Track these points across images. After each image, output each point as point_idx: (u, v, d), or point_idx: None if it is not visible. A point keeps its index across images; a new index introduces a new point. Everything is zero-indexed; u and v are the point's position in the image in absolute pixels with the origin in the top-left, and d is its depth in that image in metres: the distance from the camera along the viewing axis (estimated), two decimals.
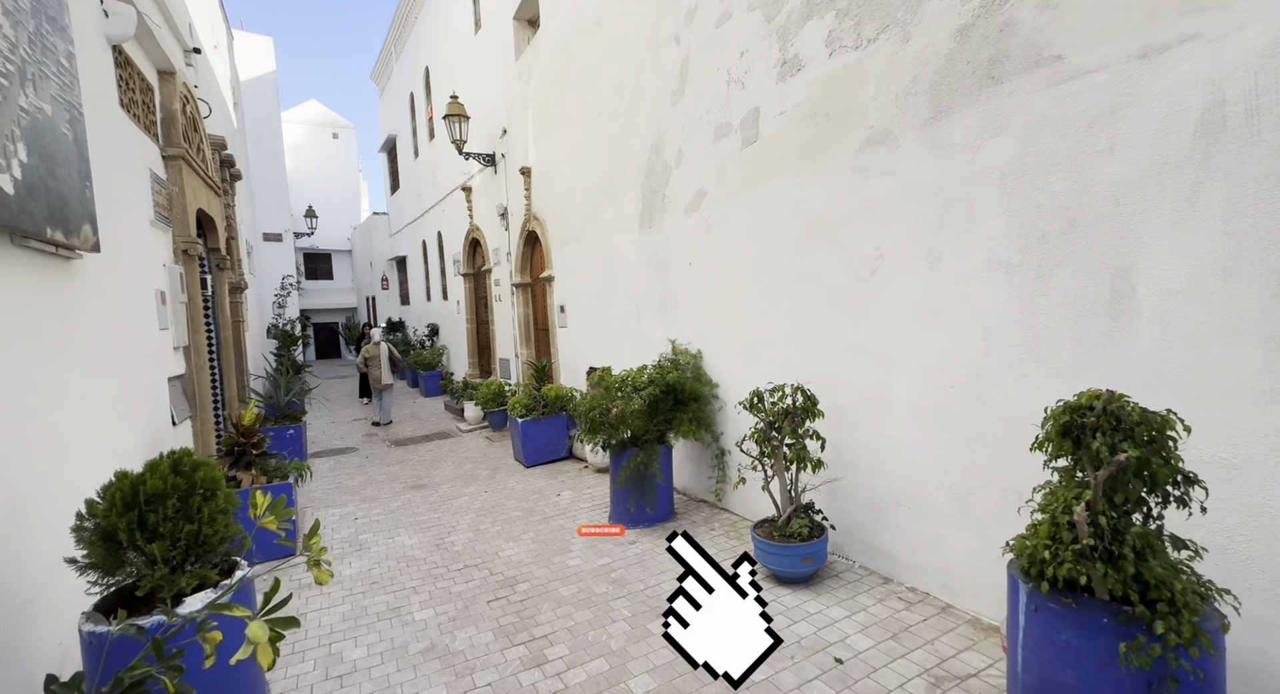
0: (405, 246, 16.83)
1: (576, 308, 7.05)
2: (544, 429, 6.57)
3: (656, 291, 5.25)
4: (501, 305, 9.98)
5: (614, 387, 4.52)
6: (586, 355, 6.88)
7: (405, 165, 15.83)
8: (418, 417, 10.74)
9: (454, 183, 11.73)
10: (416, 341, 14.88)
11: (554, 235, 7.53)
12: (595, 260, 6.41)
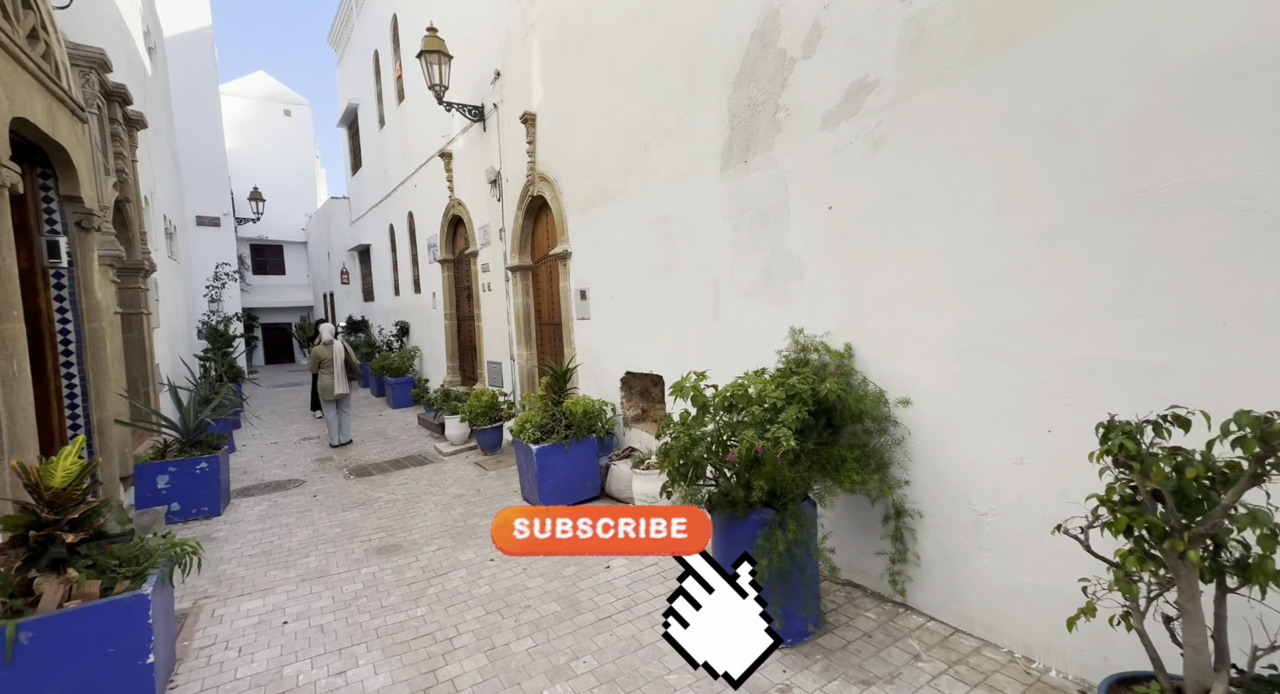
0: (369, 234, 14.64)
1: (606, 291, 5.22)
2: (568, 460, 4.71)
3: (756, 257, 3.48)
4: (491, 296, 8.06)
5: (718, 405, 2.73)
6: (623, 355, 5.06)
7: (369, 138, 13.68)
8: (385, 434, 8.70)
9: (430, 150, 9.73)
10: (383, 343, 12.74)
11: (571, 197, 5.69)
12: (639, 223, 4.61)
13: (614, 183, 4.92)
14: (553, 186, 6.01)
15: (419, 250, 10.95)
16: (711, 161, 3.77)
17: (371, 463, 7.02)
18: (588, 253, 5.46)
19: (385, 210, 12.89)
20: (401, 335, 12.14)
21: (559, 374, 4.97)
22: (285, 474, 6.63)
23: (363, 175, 14.71)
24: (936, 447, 2.52)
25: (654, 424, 5.01)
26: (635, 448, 4.99)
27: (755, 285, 3.50)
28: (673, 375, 4.40)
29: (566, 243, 5.80)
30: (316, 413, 10.19)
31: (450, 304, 9.74)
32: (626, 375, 5.08)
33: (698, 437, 2.69)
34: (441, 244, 9.66)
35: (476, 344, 8.70)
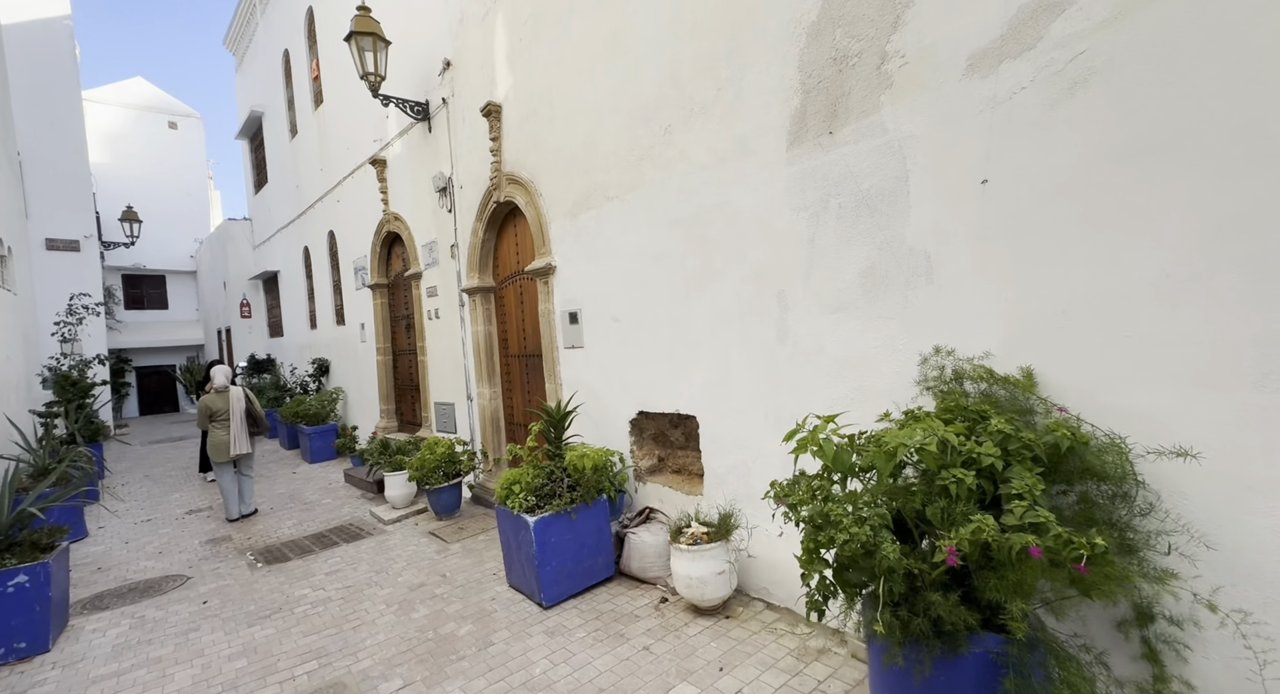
0: (276, 259, 12.70)
1: (607, 312, 4.21)
2: (576, 533, 3.57)
3: (850, 257, 2.63)
4: (440, 325, 6.76)
5: (876, 463, 1.79)
6: (634, 391, 4.02)
7: (277, 150, 11.94)
8: (302, 498, 7.00)
9: (357, 158, 8.36)
10: (295, 385, 10.82)
11: (554, 200, 4.67)
12: (658, 226, 3.68)
13: (618, 178, 3.98)
14: (527, 190, 4.97)
15: (343, 275, 9.38)
16: (772, 138, 2.93)
17: (287, 541, 5.42)
18: (579, 266, 4.44)
19: (298, 231, 11.15)
20: (320, 375, 10.32)
21: (556, 418, 3.85)
22: (161, 568, 4.91)
23: (268, 193, 12.83)
24: (1218, 519, 1.72)
25: (678, 476, 3.99)
26: (654, 508, 3.93)
27: (850, 294, 2.64)
28: (711, 414, 3.43)
29: (548, 255, 4.74)
30: (207, 475, 8.22)
31: (384, 336, 8.26)
32: (639, 416, 4.05)
33: (845, 517, 1.73)
34: (373, 267, 8.23)
35: (420, 382, 7.30)
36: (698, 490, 3.65)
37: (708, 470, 3.50)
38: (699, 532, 3.14)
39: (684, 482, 3.86)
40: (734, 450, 3.30)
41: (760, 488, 3.12)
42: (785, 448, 2.95)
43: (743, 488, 3.26)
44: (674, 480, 3.94)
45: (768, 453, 3.10)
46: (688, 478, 3.87)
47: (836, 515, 1.74)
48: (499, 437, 6.02)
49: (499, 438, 6.03)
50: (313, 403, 9.17)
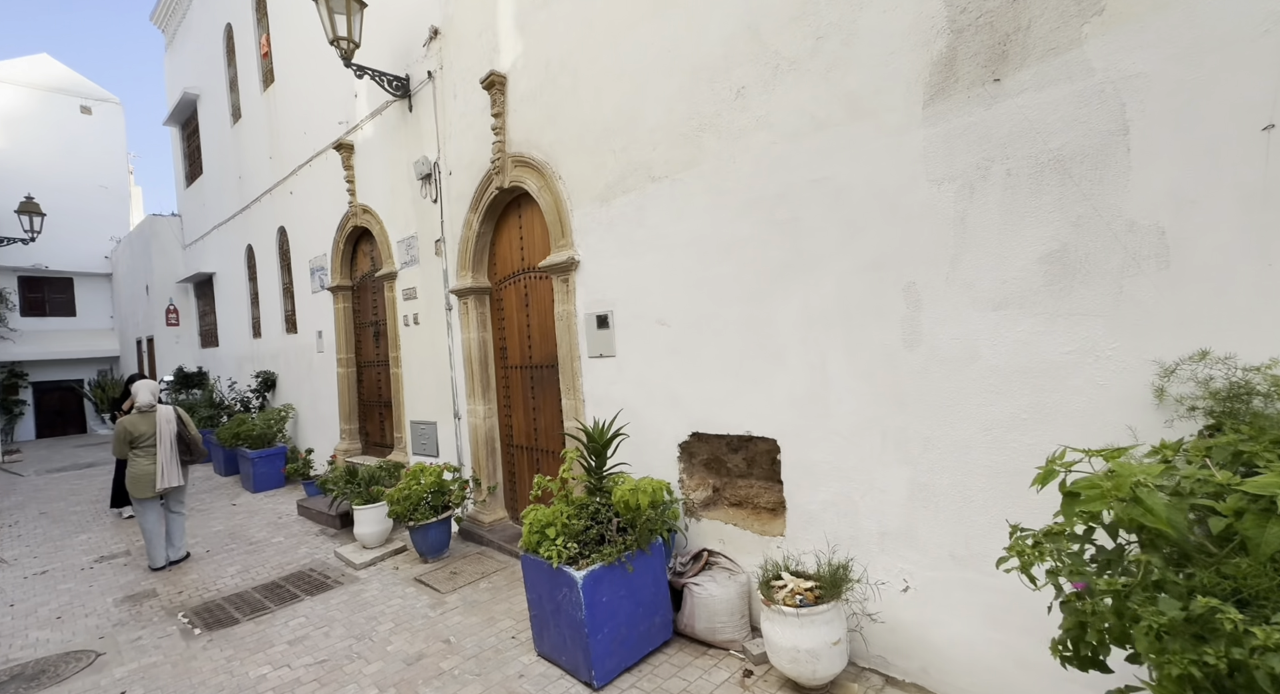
0: (212, 260, 11.28)
1: (650, 314, 3.53)
2: (629, 588, 2.85)
3: (1026, 239, 2.05)
4: (420, 332, 5.88)
5: (1248, 535, 1.21)
6: (685, 408, 3.35)
7: (215, 137, 10.63)
8: (246, 536, 5.89)
9: (318, 143, 7.36)
10: (234, 401, 9.49)
11: (579, 183, 3.97)
12: (727, 209, 3.05)
13: (668, 154, 3.34)
14: (540, 173, 4.25)
15: (295, 277, 8.26)
16: (899, 94, 2.37)
17: (233, 595, 4.39)
18: (611, 260, 3.75)
19: (240, 227, 9.89)
20: (264, 390, 9.07)
21: (598, 441, 3.12)
22: (59, 641, 3.82)
23: (203, 186, 11.44)
24: None
25: (739, 511, 3.33)
26: (714, 551, 3.25)
27: (1023, 285, 2.08)
28: (799, 437, 2.80)
29: (569, 249, 4.03)
30: (123, 511, 6.90)
31: (347, 346, 7.23)
32: (691, 439, 3.37)
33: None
34: (334, 267, 7.21)
35: (393, 398, 6.34)
36: (774, 529, 3.01)
37: (792, 506, 2.86)
38: (801, 587, 2.49)
39: (750, 518, 3.21)
40: (832, 481, 2.68)
41: (873, 528, 2.51)
42: (907, 479, 2.40)
43: (845, 528, 2.64)
44: (736, 516, 3.28)
45: (883, 486, 2.50)
46: (754, 513, 3.22)
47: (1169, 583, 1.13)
48: (494, 461, 5.19)
49: (494, 462, 5.20)
50: (257, 422, 7.97)
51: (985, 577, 2.16)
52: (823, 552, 2.68)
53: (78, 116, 15.85)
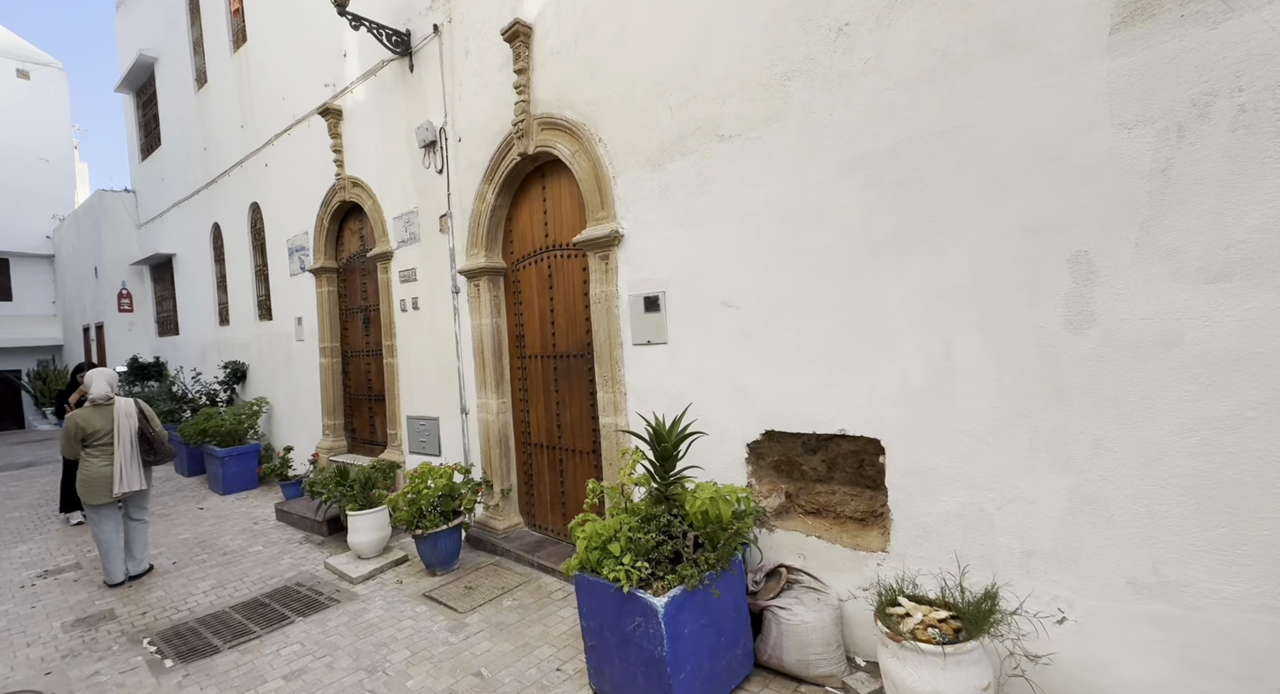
0: (172, 240, 10.33)
1: (709, 295, 3.09)
2: (711, 615, 2.40)
3: (1259, 195, 1.70)
4: (419, 318, 5.30)
5: None
6: (756, 403, 2.92)
7: (176, 105, 9.69)
8: (218, 545, 5.23)
9: (299, 109, 6.65)
10: (199, 394, 8.66)
11: (624, 146, 3.49)
12: (814, 170, 2.62)
13: (741, 108, 2.88)
14: (575, 135, 3.74)
15: (271, 258, 7.51)
16: (1074, 20, 1.96)
17: (208, 616, 3.79)
18: (664, 233, 3.28)
19: (205, 204, 9.02)
20: (233, 382, 8.28)
21: (667, 439, 2.65)
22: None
23: (161, 159, 10.46)
24: None
25: (820, 521, 2.91)
26: (793, 567, 2.83)
27: (1257, 252, 1.70)
28: (911, 436, 2.40)
29: (611, 221, 3.54)
30: (71, 517, 6.13)
31: (331, 334, 6.56)
32: (764, 437, 2.94)
33: None
34: (318, 246, 6.53)
35: (387, 391, 5.74)
36: (869, 543, 2.61)
37: (900, 517, 2.46)
38: (931, 617, 2.09)
39: (835, 529, 2.80)
40: (957, 489, 2.29)
41: (1013, 547, 2.13)
42: (1067, 488, 2.00)
43: (974, 545, 2.25)
44: (817, 526, 2.86)
45: (1030, 495, 2.11)
46: (839, 524, 2.82)
47: None
48: (507, 461, 4.68)
49: (507, 463, 4.68)
50: (226, 417, 7.22)
51: (1185, 611, 1.80)
52: (947, 573, 2.29)
53: (13, 82, 14.44)
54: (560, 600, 3.65)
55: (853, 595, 2.60)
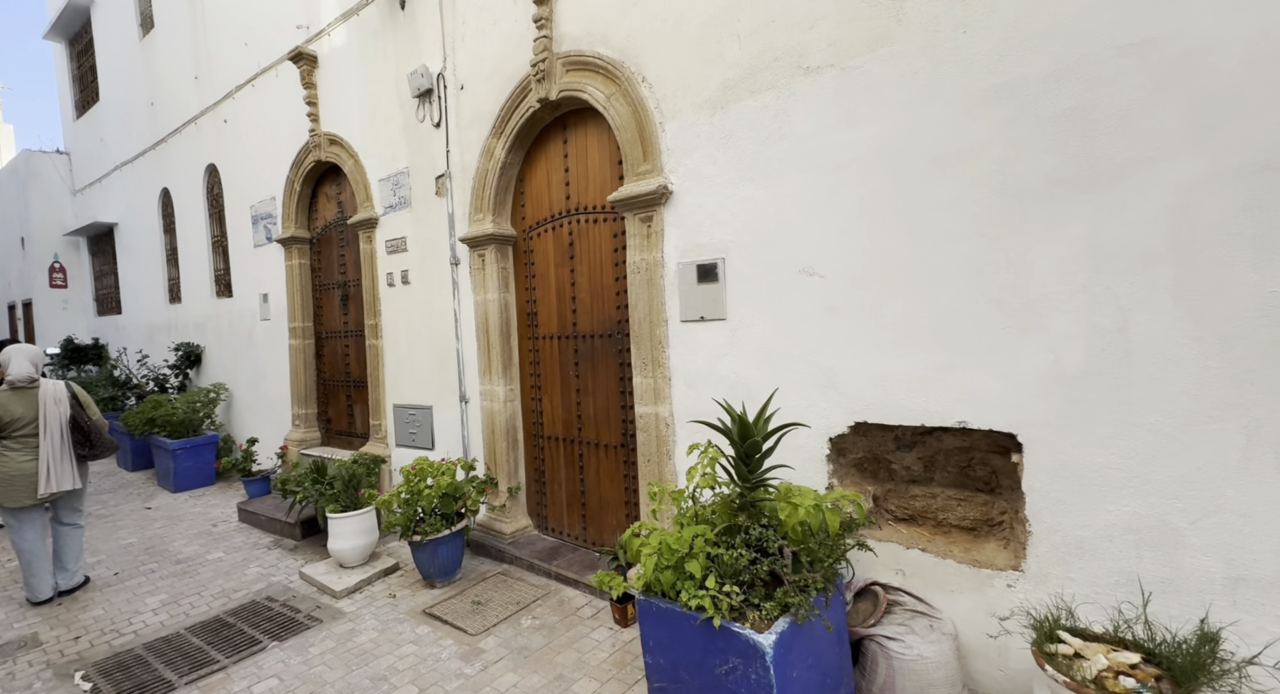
0: (113, 207, 9.26)
1: (784, 260, 2.60)
2: (815, 651, 1.93)
3: None
4: (409, 294, 4.66)
5: None
6: (848, 390, 2.45)
7: (118, 54, 8.61)
8: (169, 551, 4.51)
9: (266, 56, 5.84)
10: (145, 379, 7.73)
11: (675, 86, 2.95)
12: (936, 105, 2.15)
13: (835, 32, 2.38)
14: (612, 76, 3.17)
15: (231, 227, 6.67)
16: None
17: (158, 641, 3.14)
18: (726, 189, 2.77)
19: (153, 167, 8.04)
20: (186, 366, 7.41)
21: (756, 436, 2.14)
22: None
23: (99, 117, 9.35)
24: None
25: (917, 530, 2.47)
26: (890, 585, 2.38)
27: None
28: (1064, 431, 1.96)
29: (657, 175, 3.00)
30: None
31: (303, 312, 5.82)
32: (851, 431, 2.48)
33: None
34: (288, 213, 5.76)
35: (370, 376, 5.07)
36: (993, 559, 2.17)
37: (1043, 528, 2.03)
38: (1121, 663, 1.66)
39: (939, 539, 2.36)
40: (1129, 497, 1.87)
41: (1213, 571, 1.72)
42: None
43: (1152, 567, 1.83)
44: (917, 536, 2.42)
45: (1242, 506, 1.69)
46: (942, 534, 2.38)
47: None
48: (514, 456, 4.11)
49: (515, 458, 4.12)
50: (178, 405, 6.39)
51: None
52: (1122, 602, 1.86)
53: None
54: (589, 619, 3.14)
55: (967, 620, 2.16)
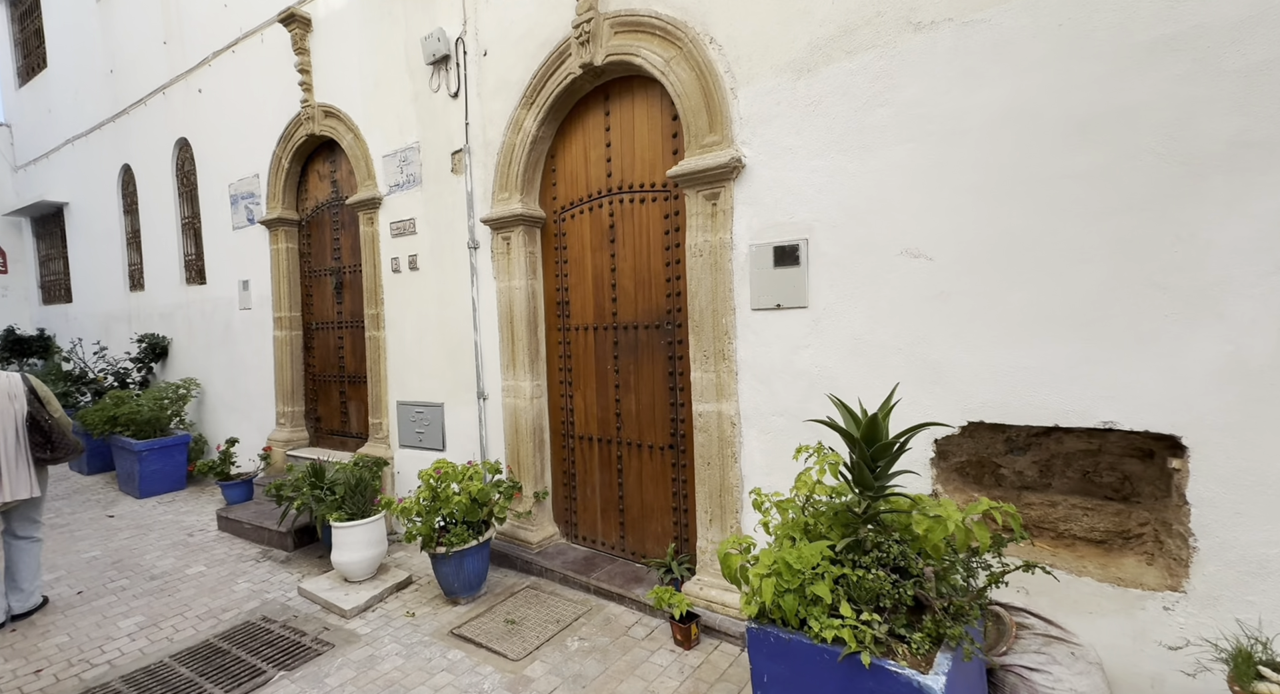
0: (62, 184, 8.44)
1: (881, 241, 2.34)
2: (970, 687, 1.67)
3: None
4: (417, 281, 4.25)
5: None
6: (958, 387, 2.20)
7: (69, 14, 7.81)
8: (140, 566, 4.00)
9: (250, 18, 5.30)
10: (103, 374, 7.02)
11: (750, 47, 2.65)
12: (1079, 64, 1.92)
13: None
14: (673, 37, 2.85)
15: (205, 207, 6.07)
16: None
17: (136, 673, 2.72)
18: (812, 161, 2.49)
19: (111, 140, 7.32)
20: (151, 360, 6.76)
21: (882, 440, 1.86)
22: None
23: (47, 85, 8.51)
24: None
25: (1037, 542, 2.23)
26: (1014, 606, 2.13)
27: None
28: (1239, 430, 1.75)
29: (727, 147, 2.70)
30: None
31: (290, 301, 5.30)
32: (963, 432, 2.23)
33: None
34: (274, 192, 5.24)
35: (370, 370, 4.61)
36: (1140, 577, 1.95)
37: (1213, 544, 1.81)
38: None
39: (1063, 553, 2.13)
40: None
41: None
42: None
43: None
44: (1039, 551, 2.18)
45: None
46: (1066, 546, 2.15)
47: None
48: (541, 457, 3.76)
49: (541, 459, 3.77)
50: (144, 402, 5.78)
51: None
52: None
53: None
54: (645, 639, 2.82)
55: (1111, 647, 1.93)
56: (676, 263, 3.10)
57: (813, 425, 2.56)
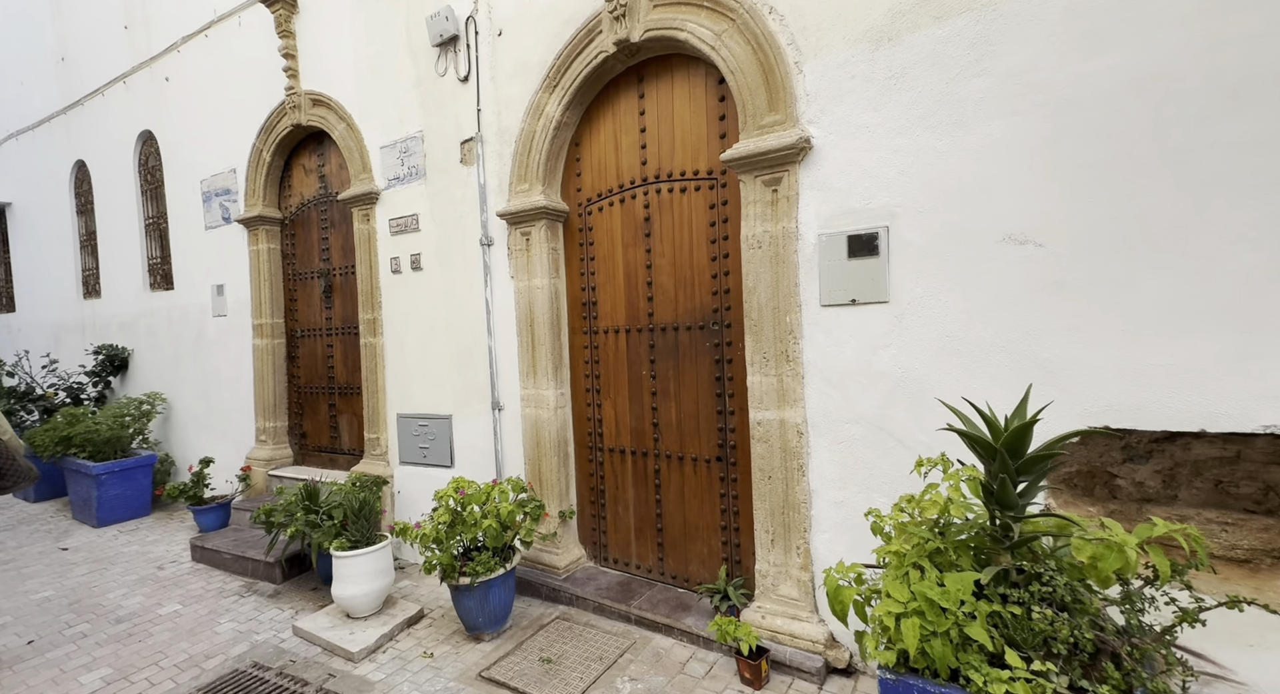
0: (5, 183, 7.72)
1: (977, 227, 2.10)
2: None
3: None
4: (421, 281, 3.87)
5: None
6: (1075, 389, 1.96)
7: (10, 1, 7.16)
8: (103, 608, 3.47)
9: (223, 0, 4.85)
10: (54, 390, 6.35)
11: (822, 17, 2.39)
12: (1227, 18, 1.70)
13: None
14: (727, 9, 2.58)
15: (172, 205, 5.54)
16: None
17: None
18: (892, 140, 2.24)
19: (63, 135, 6.70)
20: (108, 373, 6.14)
21: (1024, 455, 1.60)
22: None
23: None
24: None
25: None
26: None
27: None
28: None
29: (792, 126, 2.43)
30: None
31: (272, 306, 4.83)
32: (1080, 437, 1.98)
33: None
34: (254, 188, 4.78)
35: (365, 381, 4.19)
36: None
37: None
38: None
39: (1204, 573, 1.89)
40: None
41: None
42: None
43: None
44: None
45: None
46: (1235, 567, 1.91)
47: None
48: (566, 472, 3.42)
49: (566, 475, 3.42)
50: (101, 420, 5.20)
51: None
52: None
53: None
54: (705, 678, 2.50)
55: None
56: (725, 257, 2.82)
57: (894, 434, 2.29)
